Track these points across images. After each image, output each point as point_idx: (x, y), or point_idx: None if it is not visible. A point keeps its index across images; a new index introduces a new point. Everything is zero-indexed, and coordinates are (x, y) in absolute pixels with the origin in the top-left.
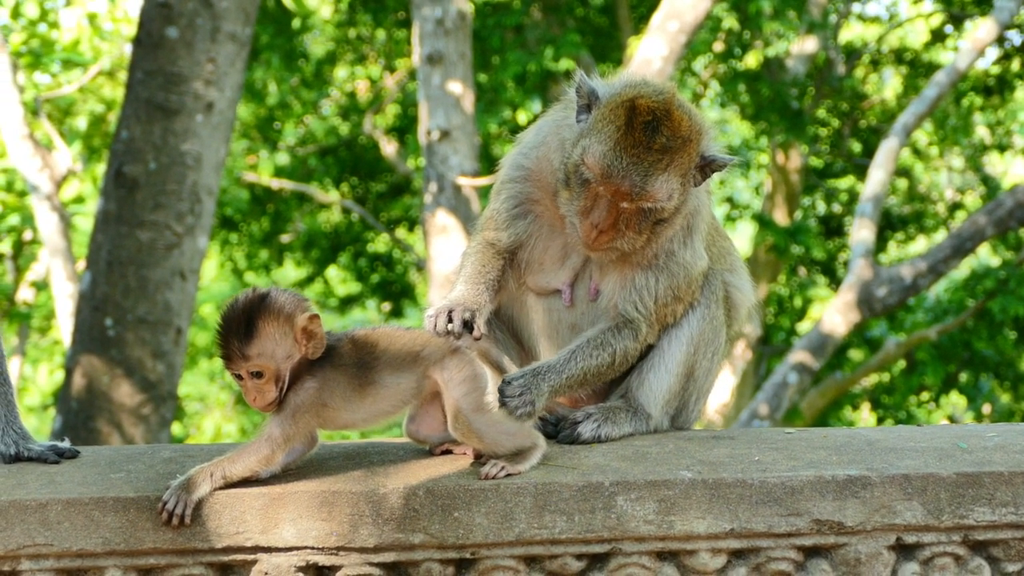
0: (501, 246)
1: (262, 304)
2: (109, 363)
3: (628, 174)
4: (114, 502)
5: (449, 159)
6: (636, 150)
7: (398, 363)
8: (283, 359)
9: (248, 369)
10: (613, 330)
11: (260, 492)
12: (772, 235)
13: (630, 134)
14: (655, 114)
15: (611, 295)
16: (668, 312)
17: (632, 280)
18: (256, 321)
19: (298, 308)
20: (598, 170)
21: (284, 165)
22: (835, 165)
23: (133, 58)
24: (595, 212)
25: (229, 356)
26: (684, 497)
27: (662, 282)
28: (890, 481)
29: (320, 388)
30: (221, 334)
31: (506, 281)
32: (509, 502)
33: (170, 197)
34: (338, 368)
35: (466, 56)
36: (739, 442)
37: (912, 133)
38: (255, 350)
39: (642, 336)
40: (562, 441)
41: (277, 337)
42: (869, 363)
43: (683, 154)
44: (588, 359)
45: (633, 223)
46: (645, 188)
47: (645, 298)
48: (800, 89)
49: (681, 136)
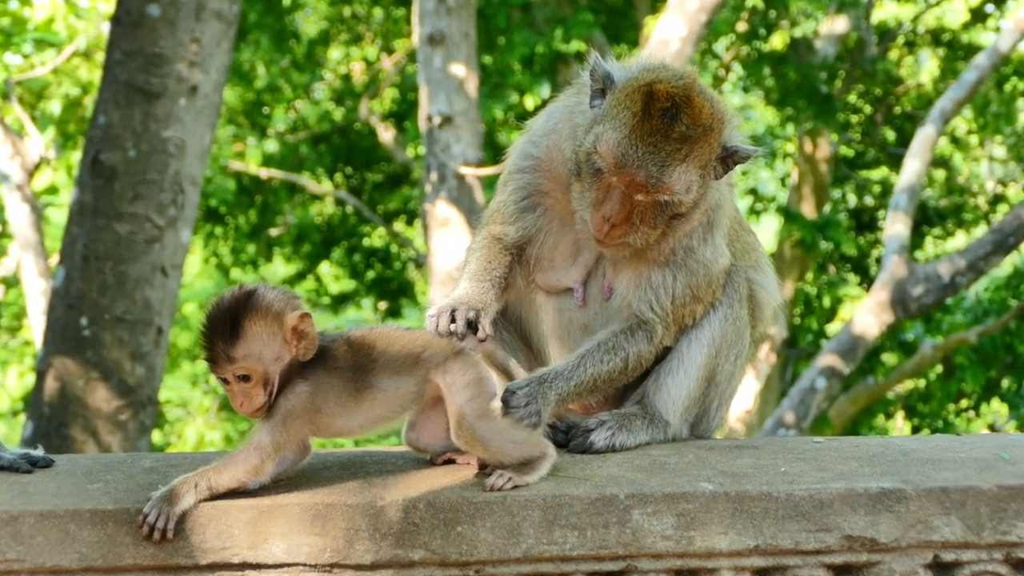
0: (508, 241)
1: (249, 302)
2: (84, 365)
3: (644, 164)
4: (91, 515)
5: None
6: (653, 139)
7: (397, 366)
8: (272, 361)
9: (234, 372)
10: (626, 332)
11: (248, 504)
12: (799, 230)
13: (647, 121)
14: (674, 100)
15: (625, 294)
16: (686, 313)
17: (648, 278)
18: (242, 320)
19: (288, 306)
20: (611, 159)
21: (273, 153)
22: (867, 154)
23: (111, 37)
24: (607, 204)
25: (214, 358)
26: (705, 511)
27: (680, 280)
28: (927, 494)
29: (313, 392)
30: (205, 335)
31: (514, 279)
32: (516, 516)
33: (151, 187)
34: (332, 371)
35: (470, 36)
36: (764, 452)
37: (950, 120)
38: (242, 351)
39: (657, 338)
40: (573, 450)
41: (265, 337)
42: (903, 368)
43: (703, 144)
44: (599, 364)
45: (648, 217)
46: (662, 180)
47: (661, 297)
48: (830, 72)
49: (702, 124)
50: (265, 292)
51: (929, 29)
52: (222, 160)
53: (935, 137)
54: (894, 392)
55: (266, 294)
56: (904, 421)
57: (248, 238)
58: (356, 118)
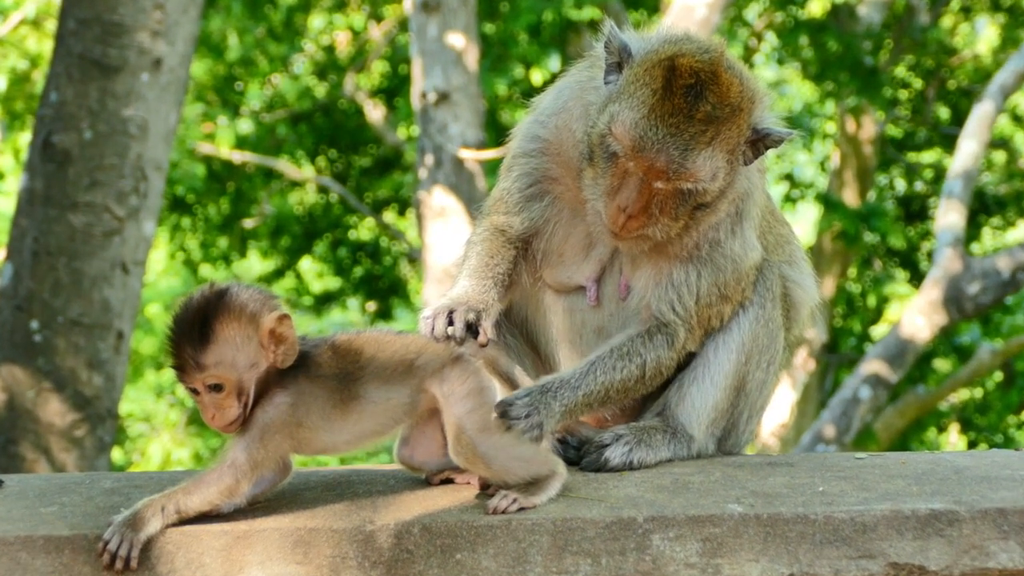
0: (512, 233)
1: (220, 302)
2: (35, 375)
3: (664, 148)
4: (45, 541)
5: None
6: (675, 119)
7: (388, 374)
8: (246, 369)
9: (204, 381)
10: (644, 336)
11: (222, 530)
12: (840, 220)
13: (668, 100)
14: (699, 76)
15: (643, 293)
16: (712, 314)
17: (669, 275)
18: (213, 323)
19: (264, 307)
20: (628, 142)
21: (248, 134)
22: (917, 135)
23: (64, 4)
24: (623, 192)
25: (182, 366)
26: (734, 536)
27: (705, 278)
28: (982, 516)
29: (294, 404)
30: (172, 340)
31: (519, 275)
32: (522, 542)
33: (109, 173)
34: (315, 380)
35: (469, 2)
36: (800, 469)
37: (1011, 95)
38: (212, 358)
39: (679, 343)
40: (586, 468)
41: (238, 342)
42: (958, 375)
43: (731, 126)
44: (611, 372)
45: (668, 207)
46: (684, 165)
47: (684, 297)
48: (875, 42)
49: (729, 104)
50: (239, 291)
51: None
52: (189, 142)
53: (994, 115)
54: (948, 402)
55: (240, 293)
56: (959, 435)
57: (219, 230)
58: (341, 95)
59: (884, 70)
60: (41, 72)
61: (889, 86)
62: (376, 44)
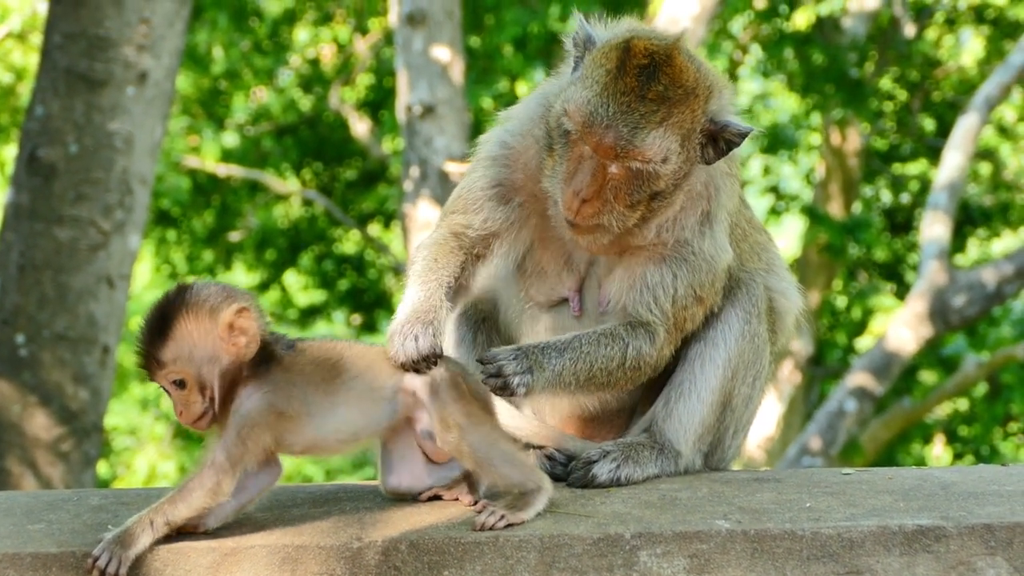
0: (470, 235)
1: (179, 300)
2: (21, 388)
3: (614, 124)
4: (32, 559)
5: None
6: (626, 97)
7: (368, 363)
8: (205, 363)
9: (167, 378)
10: (626, 326)
11: (209, 547)
12: (826, 232)
13: (621, 78)
14: (653, 58)
15: (618, 296)
16: (688, 316)
17: (643, 276)
18: (171, 319)
19: (224, 300)
20: (579, 119)
21: (233, 147)
22: (902, 147)
23: (50, 17)
24: (578, 177)
25: (146, 364)
26: (721, 552)
27: (681, 278)
28: (969, 532)
29: (271, 393)
30: (137, 339)
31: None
32: (510, 558)
33: (95, 187)
34: (291, 369)
35: (454, 15)
36: (787, 485)
37: (996, 107)
38: (170, 354)
39: (659, 341)
40: (573, 484)
41: (195, 337)
42: (944, 388)
43: (684, 109)
44: (595, 347)
45: (623, 193)
46: (633, 143)
47: (660, 297)
48: (860, 55)
49: (683, 87)
50: (201, 288)
51: (972, 5)
52: (175, 156)
53: (979, 126)
54: (933, 415)
55: (201, 290)
56: (944, 447)
57: (204, 243)
58: (326, 108)
59: (869, 82)
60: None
61: (874, 98)
62: (361, 57)
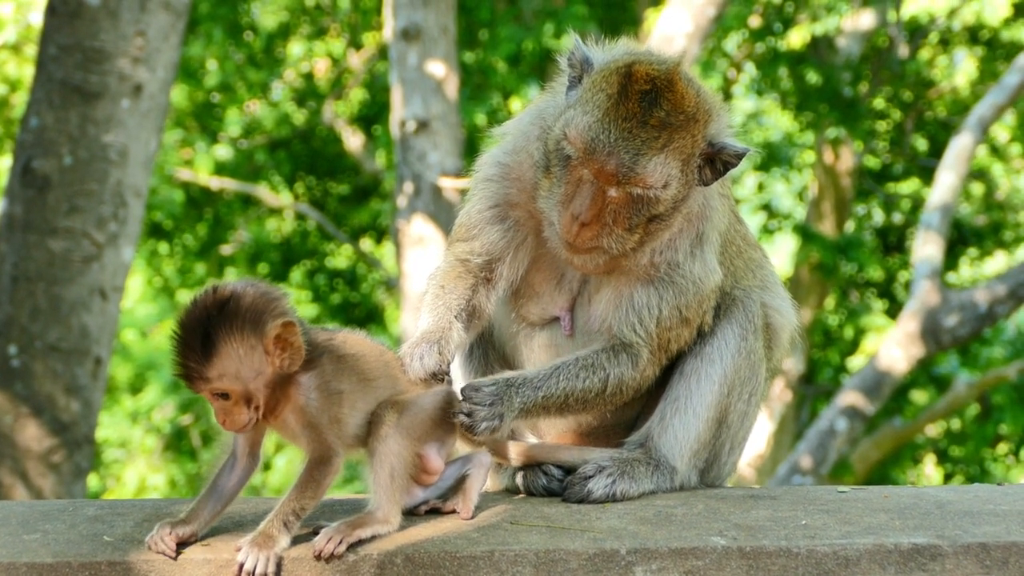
0: (474, 262)
1: (222, 314)
2: (13, 400)
3: (616, 151)
4: (28, 569)
5: (427, 155)
6: (628, 123)
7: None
8: (252, 378)
9: (211, 391)
10: (608, 352)
11: (204, 559)
12: (818, 250)
13: (623, 104)
14: (655, 83)
15: (604, 315)
16: (672, 337)
17: (630, 298)
18: (215, 336)
19: (268, 314)
20: (580, 144)
21: (226, 161)
22: (895, 166)
23: (45, 29)
24: (577, 200)
25: (187, 376)
26: (716, 568)
27: (668, 300)
28: (964, 551)
29: (329, 379)
30: (176, 349)
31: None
32: (505, 572)
33: (89, 199)
34: (334, 357)
35: (449, 31)
36: (782, 502)
37: (989, 128)
38: (215, 371)
39: (642, 364)
40: (569, 499)
41: (242, 354)
42: (935, 407)
43: (685, 134)
44: (573, 380)
45: (622, 217)
46: (635, 169)
47: (645, 319)
48: (854, 74)
49: (684, 112)
50: (242, 296)
51: (966, 26)
52: (168, 168)
53: (972, 147)
54: (924, 435)
55: (243, 299)
56: (935, 467)
57: (197, 256)
58: (319, 122)
59: (863, 102)
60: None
61: (867, 118)
62: (355, 72)
